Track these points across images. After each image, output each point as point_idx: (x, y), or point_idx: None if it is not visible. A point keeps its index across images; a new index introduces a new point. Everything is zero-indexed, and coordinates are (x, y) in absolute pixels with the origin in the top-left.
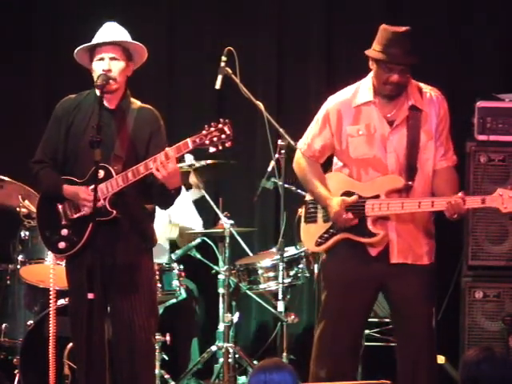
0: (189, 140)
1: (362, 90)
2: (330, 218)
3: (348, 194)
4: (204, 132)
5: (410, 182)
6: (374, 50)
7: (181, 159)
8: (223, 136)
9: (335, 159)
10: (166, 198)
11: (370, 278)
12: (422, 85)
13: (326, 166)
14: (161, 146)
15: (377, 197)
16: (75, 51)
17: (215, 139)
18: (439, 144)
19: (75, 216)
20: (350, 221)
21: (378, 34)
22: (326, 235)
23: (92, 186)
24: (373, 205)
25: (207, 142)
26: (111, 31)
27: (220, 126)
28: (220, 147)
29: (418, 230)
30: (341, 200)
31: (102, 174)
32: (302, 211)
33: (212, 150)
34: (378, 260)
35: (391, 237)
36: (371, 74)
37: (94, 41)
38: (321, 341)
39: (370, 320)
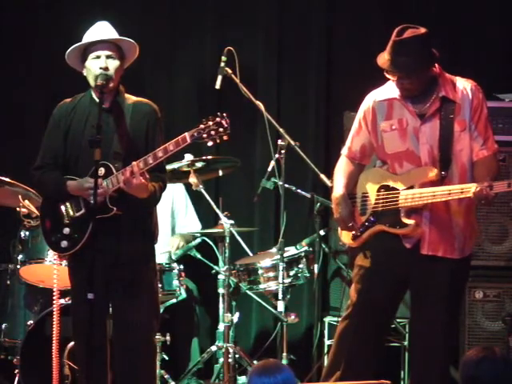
0: (187, 134)
1: (392, 85)
2: (336, 217)
3: (384, 187)
4: (202, 126)
5: (444, 173)
6: (384, 58)
7: (180, 158)
8: (221, 129)
9: (378, 161)
10: (142, 203)
11: (400, 266)
12: (457, 78)
13: None
14: (157, 139)
15: (411, 188)
16: (69, 50)
17: (213, 133)
18: (477, 134)
19: (77, 215)
20: (353, 229)
21: (389, 43)
22: (361, 229)
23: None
24: (406, 196)
25: (205, 135)
26: (104, 30)
27: (217, 119)
28: (218, 141)
29: (454, 224)
30: (350, 208)
31: (102, 171)
32: None
33: (210, 143)
34: (411, 252)
35: (424, 228)
36: None
37: (87, 40)
38: (344, 328)
39: None
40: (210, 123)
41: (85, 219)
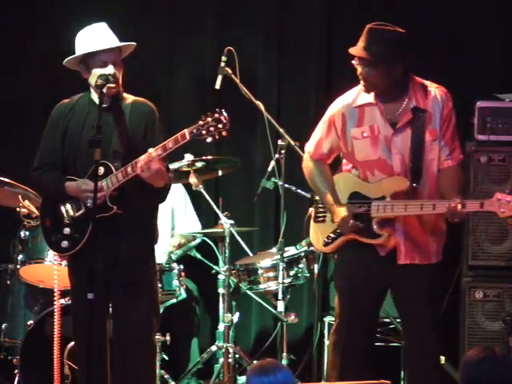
0: (186, 131)
1: (363, 91)
2: (336, 223)
3: (356, 194)
4: (201, 122)
5: (415, 184)
6: (356, 46)
7: (180, 158)
8: (220, 125)
9: (344, 160)
10: (155, 195)
11: (378, 277)
12: (427, 82)
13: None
14: (156, 137)
15: (382, 198)
16: (69, 58)
17: (212, 129)
18: (444, 143)
19: (77, 214)
20: (356, 227)
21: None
22: (332, 235)
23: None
24: (378, 206)
25: (204, 132)
26: (107, 36)
27: (216, 115)
28: (217, 137)
29: (426, 230)
30: (348, 207)
31: (102, 171)
32: (312, 210)
33: (209, 139)
34: (387, 260)
35: (398, 238)
36: None
37: (91, 46)
38: (335, 341)
39: None
40: (209, 119)
41: (85, 219)
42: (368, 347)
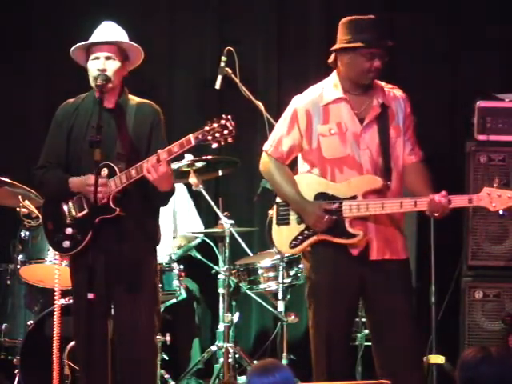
0: (191, 136)
1: (328, 88)
2: (308, 223)
3: (322, 195)
4: (207, 128)
5: (389, 182)
6: (347, 42)
7: (180, 158)
8: (225, 132)
9: (301, 161)
10: (159, 198)
11: (353, 277)
12: (382, 83)
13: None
14: (161, 139)
15: (354, 198)
16: (72, 49)
17: (218, 135)
18: (406, 139)
19: (79, 215)
20: (331, 222)
21: (342, 27)
22: (300, 237)
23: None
24: (350, 206)
25: (210, 137)
26: (108, 31)
27: (223, 121)
28: (222, 143)
29: (393, 227)
30: (318, 204)
31: (106, 172)
32: (272, 213)
33: (214, 145)
34: (359, 259)
35: (370, 236)
36: (335, 72)
37: (90, 40)
38: (316, 344)
39: None
40: (215, 125)
41: (87, 219)
42: (348, 349)
